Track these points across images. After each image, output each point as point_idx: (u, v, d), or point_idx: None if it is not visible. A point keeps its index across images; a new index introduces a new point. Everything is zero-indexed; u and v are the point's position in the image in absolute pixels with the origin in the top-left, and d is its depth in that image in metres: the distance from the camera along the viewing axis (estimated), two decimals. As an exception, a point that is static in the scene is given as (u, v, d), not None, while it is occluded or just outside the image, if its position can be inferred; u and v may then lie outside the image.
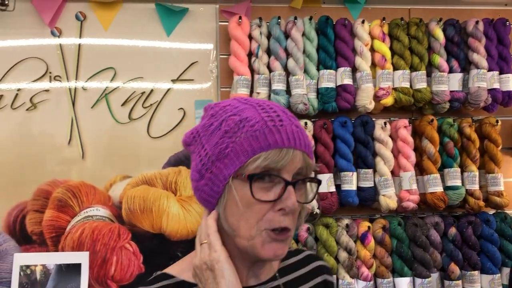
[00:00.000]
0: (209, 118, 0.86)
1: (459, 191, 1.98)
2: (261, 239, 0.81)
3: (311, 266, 1.02)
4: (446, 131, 2.03)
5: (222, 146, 0.81)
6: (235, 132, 0.81)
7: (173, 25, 2.08)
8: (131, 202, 2.02)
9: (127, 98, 2.05)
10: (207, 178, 0.83)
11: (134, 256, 2.00)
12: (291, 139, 0.80)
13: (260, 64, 1.95)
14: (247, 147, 0.79)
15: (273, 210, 0.81)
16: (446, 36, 2.05)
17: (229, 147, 0.80)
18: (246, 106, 0.84)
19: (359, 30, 2.00)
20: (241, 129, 0.80)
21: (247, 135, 0.80)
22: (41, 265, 1.94)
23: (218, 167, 0.81)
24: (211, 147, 0.82)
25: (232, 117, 0.82)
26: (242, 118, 0.81)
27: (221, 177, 0.81)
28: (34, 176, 1.99)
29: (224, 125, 0.82)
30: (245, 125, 0.81)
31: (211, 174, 0.82)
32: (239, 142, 0.80)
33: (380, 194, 1.97)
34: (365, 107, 1.97)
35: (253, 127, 0.80)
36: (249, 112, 0.82)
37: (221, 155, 0.81)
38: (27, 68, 2.01)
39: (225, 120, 0.82)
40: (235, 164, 0.80)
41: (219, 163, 0.81)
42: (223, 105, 0.87)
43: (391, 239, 1.98)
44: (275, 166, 0.79)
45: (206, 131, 0.84)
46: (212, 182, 0.82)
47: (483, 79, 2.01)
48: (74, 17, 2.05)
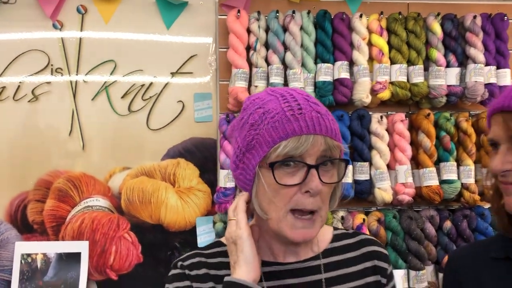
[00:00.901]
0: (242, 112, 0.94)
1: (455, 184, 2.00)
2: (289, 222, 0.88)
3: (363, 250, 1.02)
4: (442, 125, 2.04)
5: (249, 138, 0.88)
6: (258, 124, 0.88)
7: (172, 18, 2.10)
8: (130, 193, 2.06)
9: (127, 91, 2.08)
10: (240, 168, 0.91)
11: (132, 246, 2.04)
12: (310, 126, 0.85)
13: (258, 57, 1.97)
14: (268, 137, 0.86)
15: (300, 193, 0.86)
16: (444, 30, 2.06)
17: (254, 139, 0.87)
18: (271, 97, 0.91)
19: (356, 24, 2.02)
20: (263, 121, 0.87)
21: (268, 126, 0.86)
22: (41, 254, 1.98)
23: (248, 157, 0.89)
24: (242, 140, 0.90)
25: (257, 110, 0.89)
26: (265, 110, 0.88)
27: (251, 167, 0.89)
28: (35, 167, 2.03)
29: (251, 118, 0.89)
30: (267, 117, 0.87)
31: (243, 164, 0.90)
32: (261, 133, 0.87)
33: (375, 187, 1.99)
34: (361, 101, 1.98)
35: (273, 118, 0.86)
36: (271, 104, 0.89)
37: (249, 147, 0.88)
38: (29, 60, 2.04)
39: (252, 113, 0.90)
40: (260, 154, 0.87)
41: (248, 154, 0.89)
42: (253, 98, 0.94)
43: (386, 231, 2.00)
44: (295, 152, 0.85)
45: (238, 125, 0.93)
46: (245, 171, 0.90)
47: (480, 74, 2.02)
48: (76, 10, 2.08)
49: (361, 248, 1.02)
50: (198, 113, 2.10)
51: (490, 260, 1.04)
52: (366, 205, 2.09)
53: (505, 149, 0.92)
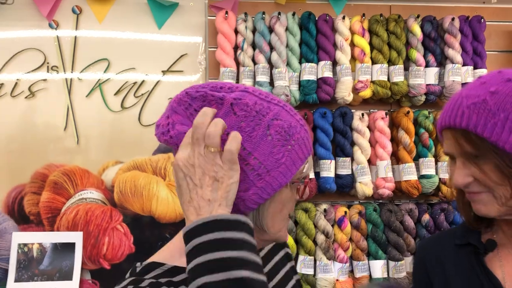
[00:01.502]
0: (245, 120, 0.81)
1: (433, 179, 2.09)
2: (286, 227, 0.90)
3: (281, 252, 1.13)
4: (421, 122, 2.13)
5: (278, 156, 0.81)
6: (286, 140, 0.82)
7: (164, 18, 2.19)
8: (122, 186, 2.14)
9: (120, 88, 2.16)
10: (257, 187, 0.80)
11: (125, 237, 2.13)
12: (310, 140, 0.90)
13: (245, 57, 2.06)
14: (301, 155, 0.83)
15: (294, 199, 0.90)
16: (423, 32, 2.14)
17: (285, 156, 0.81)
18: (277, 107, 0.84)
19: (339, 25, 2.10)
20: (291, 136, 0.82)
21: (298, 143, 0.83)
22: (37, 244, 2.07)
23: (273, 176, 0.81)
24: (265, 156, 0.80)
25: (276, 123, 0.82)
26: (287, 124, 0.83)
27: (275, 185, 0.81)
28: (32, 160, 2.11)
29: (273, 132, 0.81)
30: (293, 132, 0.83)
31: (263, 183, 0.80)
32: (293, 150, 0.82)
33: (357, 182, 2.08)
34: (344, 99, 2.07)
35: (300, 134, 0.84)
36: (286, 116, 0.84)
37: (277, 164, 0.81)
38: (26, 59, 2.13)
39: (271, 125, 0.81)
40: (292, 172, 0.82)
41: (274, 172, 0.81)
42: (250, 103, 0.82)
43: (367, 224, 2.10)
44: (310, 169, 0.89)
45: (249, 137, 0.80)
46: (263, 190, 0.81)
47: (458, 74, 2.11)
48: (71, 11, 2.16)
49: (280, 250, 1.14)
50: (188, 110, 2.18)
51: (454, 246, 1.12)
52: (348, 199, 2.18)
53: (461, 164, 0.97)
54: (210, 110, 0.78)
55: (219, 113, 0.81)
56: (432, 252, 1.16)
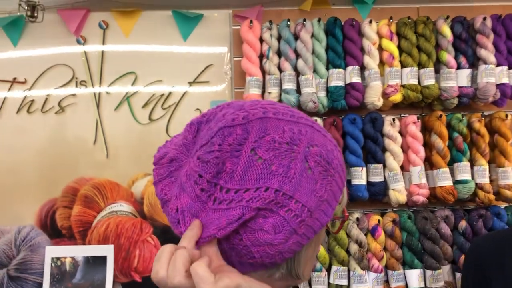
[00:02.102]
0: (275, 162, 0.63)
1: (469, 184, 2.02)
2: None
3: None
4: (455, 126, 2.06)
5: (321, 192, 0.65)
6: (326, 170, 0.66)
7: (189, 30, 2.20)
8: (152, 198, 2.14)
9: (147, 100, 2.18)
10: (299, 235, 0.64)
11: (155, 249, 2.12)
12: None
13: (270, 65, 2.04)
14: (340, 184, 0.69)
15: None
16: (453, 33, 2.08)
17: (327, 191, 0.65)
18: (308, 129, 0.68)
19: (366, 29, 2.07)
20: (331, 164, 0.66)
21: (337, 171, 0.68)
22: (70, 257, 2.08)
23: (315, 218, 0.65)
24: (307, 197, 0.64)
25: (314, 150, 0.65)
26: (325, 150, 0.67)
27: (317, 228, 0.66)
28: (62, 175, 2.14)
29: (313, 164, 0.64)
30: (332, 158, 0.67)
31: (305, 229, 0.65)
32: (333, 182, 0.66)
33: (390, 189, 2.03)
34: (373, 104, 2.03)
35: (338, 159, 0.68)
36: (320, 138, 0.68)
37: (319, 203, 0.65)
38: (55, 74, 2.17)
39: (308, 156, 0.65)
40: (332, 208, 0.67)
41: (317, 213, 0.65)
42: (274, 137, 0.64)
43: (401, 232, 2.03)
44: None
45: (286, 179, 0.63)
46: (304, 237, 0.65)
47: (492, 74, 2.04)
48: (98, 26, 2.19)
49: None
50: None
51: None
52: (381, 207, 2.12)
53: None
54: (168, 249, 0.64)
55: (237, 170, 0.63)
56: (491, 254, 1.12)
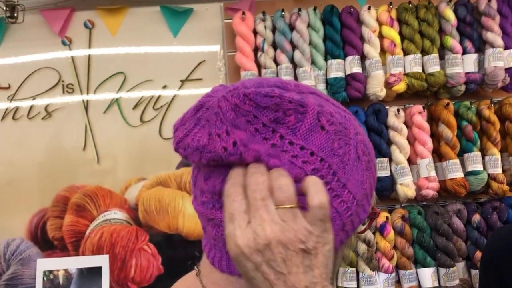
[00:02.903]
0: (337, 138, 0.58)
1: (481, 175, 1.91)
2: None
3: None
4: (463, 114, 1.96)
5: (366, 185, 0.60)
6: (369, 160, 0.62)
7: (179, 26, 2.09)
8: (147, 204, 2.04)
9: (138, 101, 2.07)
10: (345, 232, 0.59)
11: (153, 258, 2.02)
12: None
13: (266, 58, 1.94)
14: (375, 177, 0.64)
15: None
16: (457, 16, 1.98)
17: (368, 182, 0.60)
18: (351, 116, 0.63)
19: (365, 17, 1.96)
20: (371, 155, 0.63)
21: (374, 163, 0.64)
22: (63, 270, 1.98)
23: (358, 212, 0.60)
24: (356, 188, 0.58)
25: (360, 139, 0.61)
26: (365, 138, 0.63)
27: (356, 224, 0.60)
28: (52, 183, 2.04)
29: (360, 153, 0.60)
30: (370, 148, 0.63)
31: (350, 225, 0.59)
32: (372, 175, 0.62)
33: (397, 183, 1.92)
34: (376, 95, 1.92)
35: (372, 149, 0.64)
36: (359, 127, 0.63)
37: (363, 197, 0.60)
38: (40, 79, 2.06)
39: (356, 145, 0.60)
40: (369, 203, 0.62)
41: (360, 208, 0.60)
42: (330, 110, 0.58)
43: (412, 229, 1.92)
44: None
45: (342, 163, 0.57)
46: (347, 232, 0.60)
47: (500, 58, 1.93)
48: (83, 26, 2.09)
49: None
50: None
51: None
52: (389, 203, 2.01)
53: None
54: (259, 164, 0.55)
55: (301, 128, 0.56)
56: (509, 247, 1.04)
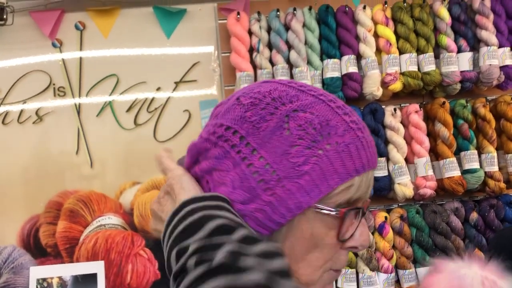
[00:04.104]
0: (251, 108, 0.60)
1: (478, 174, 1.91)
2: (322, 282, 0.63)
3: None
4: (459, 113, 1.96)
5: (298, 160, 0.57)
6: (317, 141, 0.58)
7: (172, 27, 2.06)
8: (142, 208, 2.00)
9: (132, 104, 2.04)
10: (264, 202, 0.58)
11: (149, 263, 1.99)
12: (374, 156, 0.62)
13: (262, 58, 1.92)
14: (339, 167, 0.57)
15: (343, 248, 0.63)
16: (452, 15, 1.98)
17: (310, 163, 0.57)
18: (311, 98, 0.61)
19: (360, 16, 1.96)
20: (326, 138, 0.58)
21: (338, 149, 0.58)
22: (57, 277, 1.93)
23: (288, 189, 0.57)
24: (276, 157, 0.58)
25: (302, 115, 0.59)
26: (323, 120, 0.59)
27: (292, 204, 0.57)
28: (44, 189, 1.99)
29: (293, 126, 0.58)
30: (331, 133, 0.58)
31: (272, 197, 0.58)
32: (325, 157, 0.57)
33: (395, 183, 1.91)
34: (372, 94, 1.92)
35: (343, 137, 0.58)
36: (325, 111, 0.60)
37: (295, 173, 0.57)
38: (30, 82, 2.01)
39: (291, 117, 0.59)
40: (320, 190, 0.57)
41: (290, 183, 0.57)
42: (265, 90, 0.62)
43: (410, 228, 1.92)
44: (363, 197, 0.61)
45: (255, 129, 0.59)
46: (273, 208, 0.58)
47: (494, 56, 1.94)
48: (74, 27, 2.05)
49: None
50: (205, 121, 2.04)
51: None
52: (387, 202, 2.01)
53: None
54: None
55: (222, 110, 0.66)
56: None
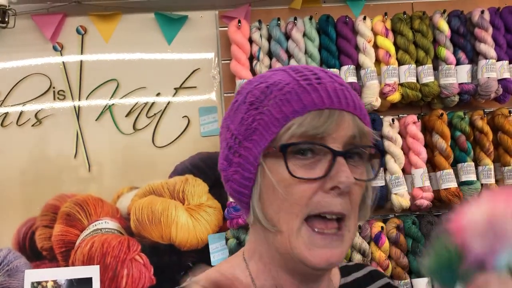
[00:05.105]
0: (235, 96, 0.72)
1: (474, 185, 1.92)
2: (305, 238, 0.63)
3: (378, 284, 0.84)
4: (457, 124, 1.97)
5: (248, 120, 0.66)
6: (261, 101, 0.65)
7: (173, 33, 2.08)
8: (139, 213, 2.01)
9: (131, 109, 2.05)
10: (236, 164, 0.67)
11: (144, 268, 1.99)
12: (334, 97, 0.64)
13: (261, 66, 1.93)
14: (277, 114, 0.64)
15: (322, 191, 0.63)
16: (451, 27, 2.00)
17: (256, 120, 0.65)
18: (276, 71, 0.70)
19: (360, 27, 1.97)
20: (268, 95, 0.65)
21: (276, 100, 0.64)
22: (52, 281, 1.93)
23: (247, 147, 0.66)
24: (237, 125, 0.67)
25: (258, 86, 0.67)
26: (269, 83, 0.67)
27: (251, 158, 0.65)
28: (41, 192, 2.00)
29: (250, 96, 0.67)
30: (273, 90, 0.65)
31: (239, 158, 0.66)
32: (267, 111, 0.64)
33: (392, 193, 1.92)
34: (371, 105, 1.93)
35: (282, 90, 0.65)
36: (278, 76, 0.68)
37: (248, 132, 0.66)
38: (30, 85, 2.03)
39: (251, 91, 0.68)
40: (266, 138, 0.64)
41: (247, 142, 0.66)
42: (251, 78, 0.74)
43: (406, 238, 1.93)
44: (316, 132, 0.62)
45: (230, 110, 0.70)
46: (242, 167, 0.66)
47: (493, 69, 1.96)
48: (75, 31, 2.06)
49: (375, 282, 0.84)
50: (204, 127, 2.05)
51: None
52: (384, 213, 2.01)
53: None
54: None
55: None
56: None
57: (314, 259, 0.63)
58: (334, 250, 0.64)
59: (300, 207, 0.63)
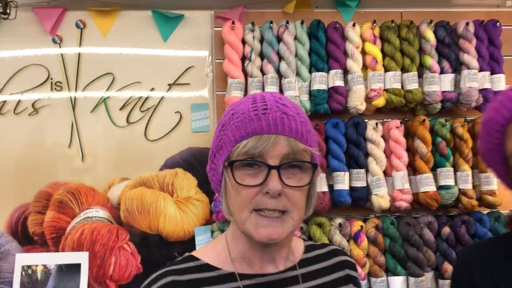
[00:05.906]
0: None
1: (452, 190, 2.00)
2: (253, 221, 0.86)
3: (334, 260, 1.03)
4: (438, 131, 2.05)
5: (219, 138, 0.90)
6: (227, 124, 0.89)
7: (169, 31, 2.14)
8: (129, 204, 2.07)
9: (125, 103, 2.11)
10: (212, 169, 0.93)
11: (132, 257, 2.05)
12: (272, 125, 0.85)
13: (253, 67, 2.00)
14: (232, 136, 0.87)
15: (261, 193, 0.86)
16: (437, 37, 2.08)
17: (222, 140, 0.89)
18: (243, 101, 0.92)
19: (350, 33, 2.04)
20: (231, 121, 0.88)
21: (233, 126, 0.87)
22: (42, 265, 1.99)
23: (217, 158, 0.90)
24: (214, 141, 0.93)
25: (229, 112, 0.91)
26: (235, 111, 0.90)
27: (218, 167, 0.90)
28: (35, 179, 2.06)
29: (222, 119, 0.92)
30: (234, 117, 0.89)
31: (214, 165, 0.92)
32: (227, 133, 0.88)
33: (372, 194, 1.99)
34: (356, 108, 2.00)
35: (238, 118, 0.88)
36: (241, 106, 0.90)
37: (218, 148, 0.90)
38: (29, 75, 2.09)
39: (225, 115, 0.92)
40: (225, 154, 0.88)
41: (217, 154, 0.90)
42: (233, 102, 0.96)
43: (384, 238, 2.00)
44: (255, 151, 0.84)
45: (216, 129, 0.94)
46: (215, 172, 0.92)
47: (474, 79, 2.03)
48: (74, 25, 2.12)
49: (332, 258, 1.03)
50: (196, 123, 2.12)
51: (502, 259, 1.06)
52: (364, 212, 2.09)
53: None
54: None
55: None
56: (479, 265, 1.10)
57: (258, 235, 0.86)
58: (275, 229, 0.86)
59: (245, 204, 0.87)
